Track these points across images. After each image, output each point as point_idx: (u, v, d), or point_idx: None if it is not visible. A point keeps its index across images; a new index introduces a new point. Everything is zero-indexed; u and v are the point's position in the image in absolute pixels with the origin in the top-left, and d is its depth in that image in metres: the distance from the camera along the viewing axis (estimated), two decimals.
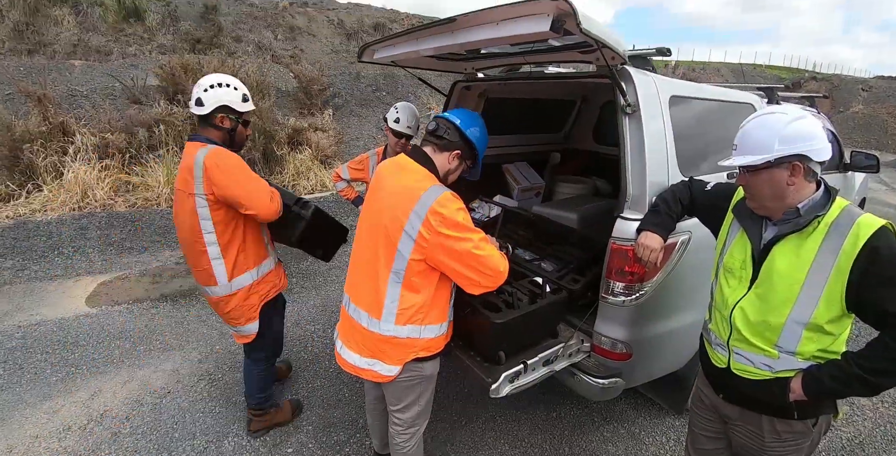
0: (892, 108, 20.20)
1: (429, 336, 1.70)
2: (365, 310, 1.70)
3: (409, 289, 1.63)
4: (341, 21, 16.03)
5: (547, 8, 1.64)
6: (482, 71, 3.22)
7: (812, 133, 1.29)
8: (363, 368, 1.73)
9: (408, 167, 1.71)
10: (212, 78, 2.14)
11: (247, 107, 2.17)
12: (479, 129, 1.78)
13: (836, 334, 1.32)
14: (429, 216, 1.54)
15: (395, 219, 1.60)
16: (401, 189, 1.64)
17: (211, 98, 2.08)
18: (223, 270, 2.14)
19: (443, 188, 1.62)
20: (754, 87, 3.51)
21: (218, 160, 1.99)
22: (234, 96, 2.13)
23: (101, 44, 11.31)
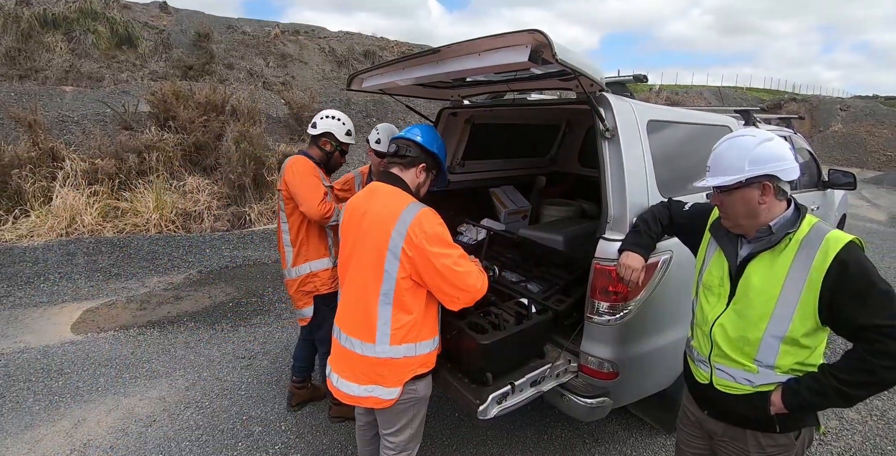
0: (869, 127, 20.86)
1: (424, 352, 1.72)
2: (357, 337, 1.70)
3: (400, 309, 1.65)
4: (332, 49, 16.36)
5: (525, 39, 1.73)
6: (468, 98, 3.31)
7: (780, 154, 1.36)
8: (363, 396, 1.71)
9: (381, 190, 1.76)
10: (330, 111, 2.66)
11: (347, 139, 2.63)
12: (435, 139, 1.87)
13: (813, 347, 1.36)
14: (410, 233, 1.59)
15: (379, 240, 1.64)
16: (380, 210, 1.68)
17: (323, 124, 2.57)
18: (290, 257, 2.55)
19: (421, 205, 1.68)
20: (731, 110, 3.63)
21: (295, 164, 2.44)
22: (340, 128, 2.60)
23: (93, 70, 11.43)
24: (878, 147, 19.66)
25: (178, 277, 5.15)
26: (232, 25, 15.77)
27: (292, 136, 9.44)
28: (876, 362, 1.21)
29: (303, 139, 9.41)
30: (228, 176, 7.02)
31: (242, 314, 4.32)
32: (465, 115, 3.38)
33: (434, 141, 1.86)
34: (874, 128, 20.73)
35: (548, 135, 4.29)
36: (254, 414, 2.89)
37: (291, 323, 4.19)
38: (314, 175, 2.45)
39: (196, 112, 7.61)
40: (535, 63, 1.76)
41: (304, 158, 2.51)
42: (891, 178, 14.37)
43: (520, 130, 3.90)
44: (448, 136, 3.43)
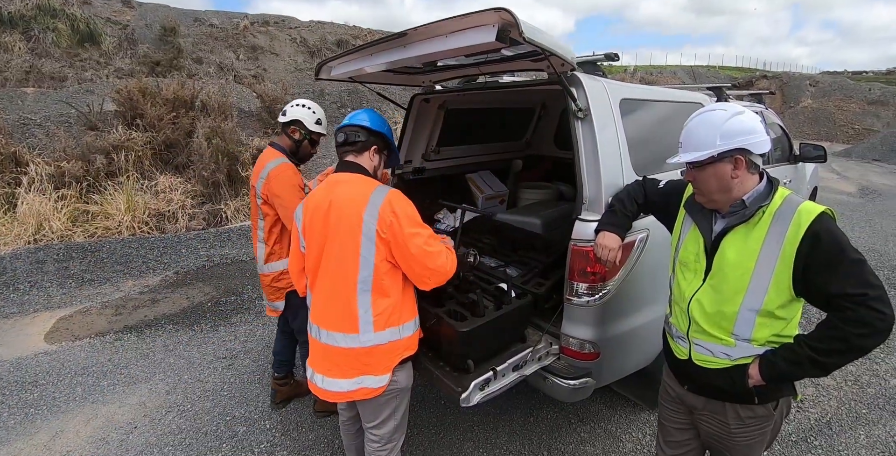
0: (838, 102, 21.28)
1: (408, 334, 1.73)
2: (339, 331, 1.67)
3: (380, 294, 1.65)
4: (304, 39, 16.03)
5: (491, 19, 1.68)
6: (440, 83, 3.26)
7: (751, 128, 1.35)
8: (352, 390, 1.69)
9: (342, 179, 1.74)
10: (300, 100, 2.63)
11: (317, 128, 2.58)
12: (379, 120, 1.88)
13: (788, 319, 1.37)
14: (381, 214, 1.59)
15: (351, 226, 1.62)
16: (347, 197, 1.66)
17: (292, 112, 2.54)
18: (262, 253, 2.56)
19: (387, 187, 1.69)
20: (704, 87, 3.64)
21: (281, 174, 2.40)
22: (310, 117, 2.56)
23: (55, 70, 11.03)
24: (847, 121, 20.09)
25: (154, 280, 5.03)
26: (199, 18, 15.34)
27: (266, 130, 9.25)
28: (848, 330, 1.22)
29: (276, 132, 9.22)
30: (201, 173, 6.85)
31: (222, 314, 4.24)
32: (437, 101, 3.33)
33: (379, 122, 1.86)
34: (842, 102, 21.16)
35: (522, 118, 4.26)
36: (237, 414, 2.84)
37: (273, 320, 4.12)
38: (298, 186, 2.42)
39: (164, 109, 7.38)
40: (504, 43, 1.72)
41: (287, 167, 2.42)
42: (859, 150, 14.70)
43: (494, 115, 3.85)
44: (421, 122, 3.38)
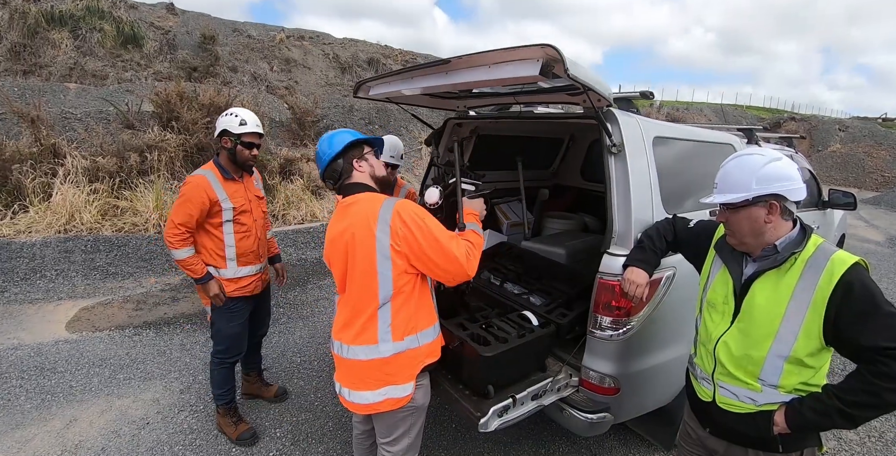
0: (867, 148, 21.00)
1: (427, 341, 1.74)
2: (360, 344, 1.70)
3: (398, 305, 1.67)
4: (336, 55, 16.44)
5: (537, 53, 1.74)
6: (473, 109, 3.33)
7: (788, 174, 1.37)
8: (379, 401, 1.71)
9: (350, 202, 1.75)
10: (227, 110, 2.57)
11: (243, 129, 2.49)
12: (330, 138, 1.83)
13: (817, 367, 1.36)
14: (393, 228, 1.61)
15: (368, 247, 1.63)
16: (359, 219, 1.67)
17: (217, 124, 2.53)
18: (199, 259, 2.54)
19: (394, 199, 1.69)
20: (734, 128, 3.66)
21: (183, 187, 2.44)
22: (232, 121, 2.49)
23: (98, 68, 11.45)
24: (877, 168, 19.80)
25: (176, 279, 5.12)
26: (237, 29, 15.85)
27: (294, 141, 9.45)
28: (880, 384, 1.22)
29: (304, 144, 9.42)
30: None
31: None
32: (470, 126, 3.40)
33: (331, 142, 1.82)
34: (872, 149, 20.90)
35: (551, 148, 4.32)
36: (248, 419, 2.86)
37: (288, 327, 4.17)
38: (191, 201, 2.39)
39: (199, 113, 7.60)
40: (546, 77, 1.78)
41: (192, 179, 2.44)
42: (889, 198, 14.45)
43: (524, 143, 3.91)
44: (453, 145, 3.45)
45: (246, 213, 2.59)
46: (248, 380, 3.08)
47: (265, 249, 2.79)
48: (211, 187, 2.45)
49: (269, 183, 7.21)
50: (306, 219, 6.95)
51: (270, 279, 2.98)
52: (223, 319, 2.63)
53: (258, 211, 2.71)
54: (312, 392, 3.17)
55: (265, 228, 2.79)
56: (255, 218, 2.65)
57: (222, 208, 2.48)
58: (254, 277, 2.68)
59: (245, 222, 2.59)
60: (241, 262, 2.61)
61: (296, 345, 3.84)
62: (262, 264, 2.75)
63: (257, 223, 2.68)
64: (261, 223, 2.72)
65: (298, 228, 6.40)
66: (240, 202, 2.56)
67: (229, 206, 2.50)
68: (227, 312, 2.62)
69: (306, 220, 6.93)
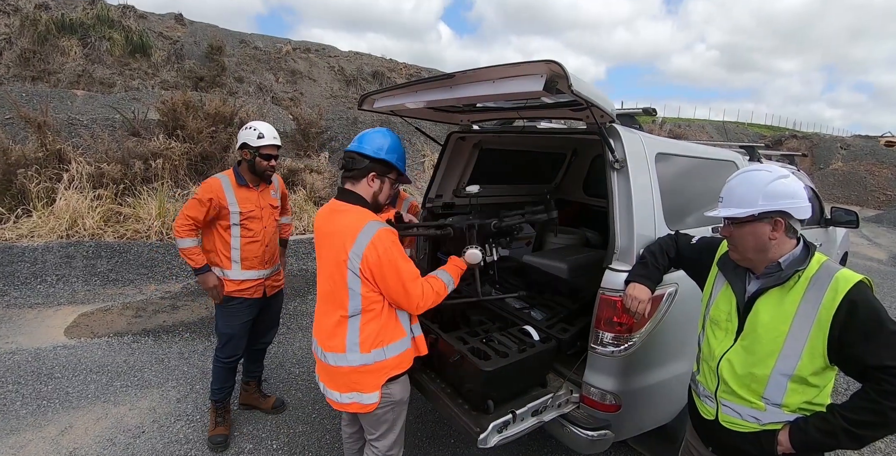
0: (869, 166, 21.05)
1: (394, 354, 1.78)
2: (330, 350, 1.77)
3: (367, 318, 1.73)
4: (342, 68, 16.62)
5: (541, 69, 1.75)
6: (477, 123, 3.36)
7: (794, 192, 1.37)
8: (347, 403, 1.79)
9: (339, 209, 1.80)
10: (246, 124, 2.67)
11: (261, 142, 2.60)
12: (383, 144, 1.82)
13: (821, 386, 1.35)
14: (366, 254, 1.65)
15: (340, 260, 1.71)
16: (338, 231, 1.73)
17: (238, 138, 2.65)
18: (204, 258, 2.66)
19: (377, 225, 1.71)
20: (736, 145, 3.68)
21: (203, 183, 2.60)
22: (250, 135, 2.61)
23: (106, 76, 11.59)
24: (879, 186, 19.82)
25: (176, 286, 5.11)
26: (244, 40, 16.06)
27: (298, 152, 9.50)
28: (885, 403, 1.21)
29: (308, 155, 9.48)
30: None
31: None
32: (473, 140, 3.42)
33: (381, 146, 1.81)
34: (874, 167, 20.94)
35: (553, 163, 4.33)
36: (245, 430, 2.84)
37: (288, 338, 4.14)
38: (196, 198, 2.53)
39: (205, 123, 7.66)
40: (550, 93, 1.79)
41: (209, 179, 2.60)
42: (891, 217, 14.44)
43: (526, 157, 3.94)
44: (456, 159, 3.47)
45: (255, 220, 2.67)
46: (247, 390, 3.06)
47: (273, 257, 2.83)
48: (221, 190, 2.57)
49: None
50: (308, 229, 6.96)
51: (283, 289, 3.03)
52: (222, 317, 2.73)
53: (269, 219, 2.77)
54: (310, 404, 3.15)
55: (275, 236, 2.85)
56: (264, 225, 2.72)
57: (229, 212, 2.58)
58: (256, 282, 2.73)
59: (252, 228, 2.66)
60: (245, 265, 2.68)
61: (295, 356, 3.82)
62: (267, 270, 2.78)
63: (266, 230, 2.74)
64: (271, 231, 2.78)
65: (300, 239, 6.40)
66: (248, 208, 2.64)
67: (236, 211, 2.60)
68: (225, 310, 2.71)
69: (308, 230, 6.94)
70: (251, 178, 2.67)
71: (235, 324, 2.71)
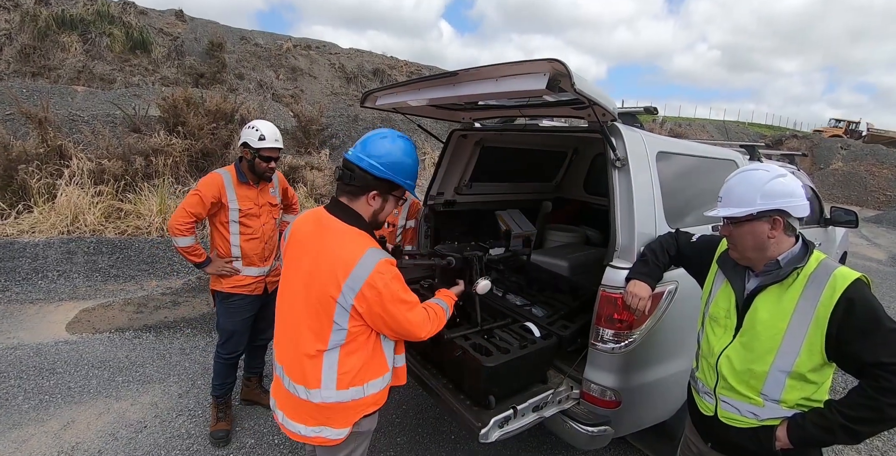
0: (869, 166, 21.06)
1: (373, 392, 1.59)
2: (301, 384, 1.54)
3: (349, 354, 1.52)
4: (342, 65, 16.61)
5: (544, 67, 1.77)
6: (479, 121, 3.37)
7: (792, 191, 1.39)
8: (311, 436, 1.58)
9: (330, 226, 1.54)
10: (251, 122, 2.64)
11: (261, 144, 2.57)
12: (391, 156, 1.54)
13: (819, 383, 1.37)
14: (364, 291, 1.43)
15: (326, 291, 1.46)
16: (329, 257, 1.48)
17: (241, 136, 2.63)
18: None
19: (378, 255, 1.47)
20: (737, 145, 3.69)
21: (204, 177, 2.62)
22: (252, 135, 2.58)
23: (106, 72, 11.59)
24: (879, 187, 19.84)
25: (177, 282, 5.13)
26: (245, 37, 16.05)
27: (299, 149, 9.51)
28: (882, 400, 1.22)
29: (309, 152, 9.49)
30: None
31: None
32: (475, 138, 3.43)
33: (387, 161, 1.54)
34: (874, 167, 20.96)
35: (554, 161, 4.35)
36: (247, 425, 2.85)
37: None
38: (197, 194, 2.52)
39: (205, 119, 7.66)
40: (552, 91, 1.80)
41: (211, 175, 2.60)
42: (890, 217, 14.46)
43: (527, 155, 3.95)
44: (457, 157, 3.48)
45: (253, 218, 2.67)
46: (248, 385, 3.08)
47: (273, 253, 2.83)
48: (223, 186, 2.57)
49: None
50: None
51: None
52: (222, 313, 2.75)
53: (268, 217, 2.77)
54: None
55: (275, 234, 2.84)
56: (263, 223, 2.72)
57: (228, 208, 2.59)
58: (256, 279, 2.74)
59: (251, 226, 2.67)
60: (245, 262, 2.69)
61: None
62: (267, 267, 2.78)
63: (266, 228, 2.74)
64: (269, 228, 2.78)
65: None
66: (247, 206, 2.64)
67: (235, 208, 2.60)
68: (226, 307, 2.72)
69: None
70: (251, 176, 2.66)
71: (236, 320, 2.73)
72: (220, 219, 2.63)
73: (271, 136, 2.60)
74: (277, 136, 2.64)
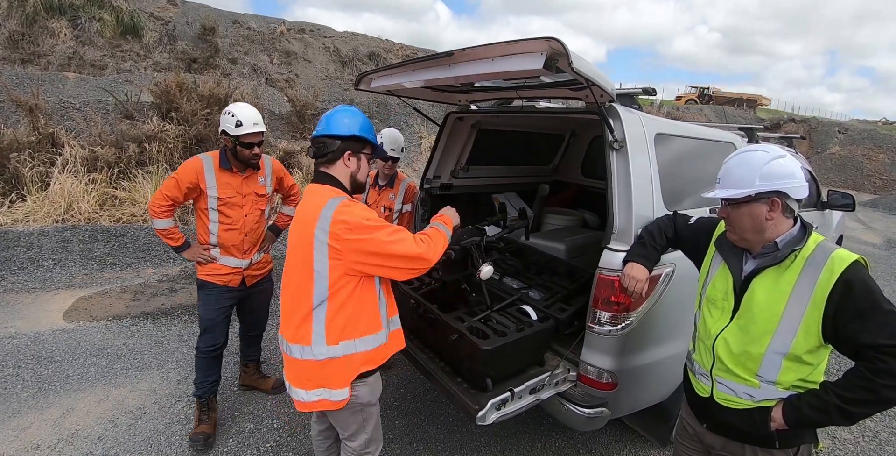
0: (866, 151, 21.02)
1: (365, 349, 1.66)
2: (296, 342, 1.65)
3: (335, 307, 1.61)
4: (337, 48, 16.36)
5: (541, 47, 1.73)
6: (475, 103, 3.32)
7: (791, 172, 1.37)
8: (313, 401, 1.67)
9: (313, 191, 1.70)
10: (227, 107, 2.51)
11: (239, 130, 2.44)
12: (348, 120, 1.72)
13: (815, 364, 1.37)
14: (332, 228, 1.54)
15: (305, 241, 1.60)
16: (303, 212, 1.66)
17: (220, 122, 2.51)
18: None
19: (341, 197, 1.62)
20: (735, 127, 3.66)
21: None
22: (229, 121, 2.45)
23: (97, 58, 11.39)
24: (875, 171, 19.83)
25: (174, 269, 5.11)
26: (238, 20, 15.75)
27: (294, 134, 9.42)
28: (878, 381, 1.22)
29: (304, 136, 9.39)
30: None
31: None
32: (471, 120, 3.39)
33: (349, 124, 1.71)
34: (871, 152, 20.91)
35: (552, 144, 4.31)
36: (246, 410, 2.87)
37: None
38: (174, 177, 2.45)
39: (199, 105, 7.56)
40: (550, 71, 1.77)
41: (192, 159, 2.51)
42: (886, 201, 14.49)
43: (524, 138, 3.91)
44: (453, 140, 3.45)
45: (234, 207, 2.56)
46: (246, 372, 3.08)
47: (254, 246, 2.71)
48: (202, 171, 2.47)
49: None
50: None
51: (272, 283, 2.95)
52: (200, 302, 2.68)
53: (252, 207, 2.63)
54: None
55: (259, 225, 2.71)
56: (245, 213, 2.60)
57: (207, 195, 2.50)
58: (233, 270, 2.63)
59: (230, 215, 2.56)
60: (222, 251, 2.61)
61: None
62: (247, 260, 2.67)
63: (248, 219, 2.62)
64: (252, 220, 2.64)
65: None
66: (227, 193, 2.52)
67: (214, 195, 2.50)
68: (202, 295, 2.65)
69: None
70: (236, 164, 2.53)
71: (211, 309, 2.62)
72: (200, 205, 2.54)
73: (249, 120, 2.44)
74: (257, 119, 2.49)
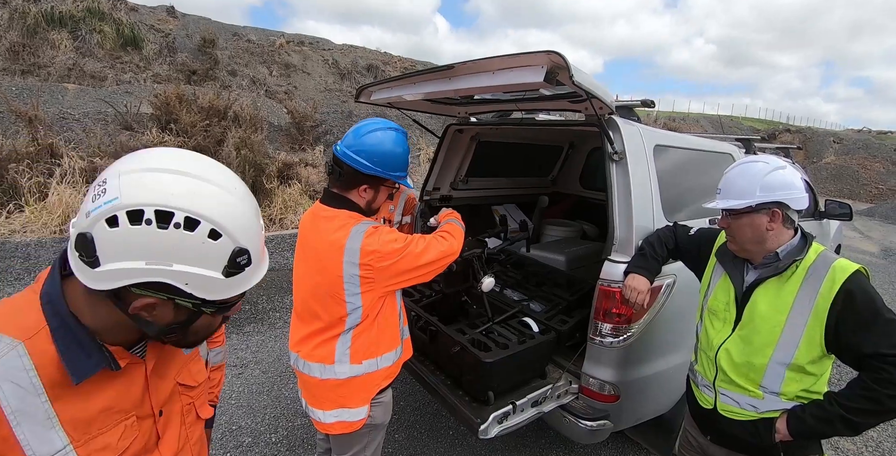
0: (861, 160, 21.21)
1: (386, 365, 1.66)
2: (316, 361, 1.60)
3: (362, 329, 1.58)
4: (336, 61, 16.50)
5: (542, 60, 1.74)
6: (475, 115, 3.35)
7: (791, 183, 1.38)
8: (330, 423, 1.62)
9: (324, 215, 1.59)
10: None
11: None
12: (379, 149, 1.54)
13: (818, 375, 1.37)
14: (363, 260, 1.47)
15: (332, 277, 1.51)
16: (325, 244, 1.53)
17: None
18: None
19: (363, 225, 1.52)
20: (733, 138, 3.69)
21: None
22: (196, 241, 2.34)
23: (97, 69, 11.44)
24: (871, 180, 19.99)
25: None
26: (237, 33, 15.89)
27: (293, 145, 9.45)
28: (881, 391, 1.22)
29: (303, 148, 9.43)
30: None
31: (235, 322, 4.26)
32: (470, 132, 3.41)
33: (375, 154, 1.53)
34: (866, 161, 21.11)
35: (550, 156, 4.34)
36: (244, 424, 2.83)
37: (285, 332, 4.13)
38: None
39: (198, 116, 7.60)
40: (550, 84, 1.78)
41: None
42: (883, 210, 14.57)
43: (523, 150, 3.94)
44: (453, 152, 3.46)
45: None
46: None
47: None
48: None
49: (267, 186, 7.20)
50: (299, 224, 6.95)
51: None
52: None
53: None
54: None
55: None
56: None
57: None
58: None
59: None
60: None
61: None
62: None
63: None
64: None
65: (295, 233, 6.38)
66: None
67: None
68: None
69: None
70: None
71: None
72: None
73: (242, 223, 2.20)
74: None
